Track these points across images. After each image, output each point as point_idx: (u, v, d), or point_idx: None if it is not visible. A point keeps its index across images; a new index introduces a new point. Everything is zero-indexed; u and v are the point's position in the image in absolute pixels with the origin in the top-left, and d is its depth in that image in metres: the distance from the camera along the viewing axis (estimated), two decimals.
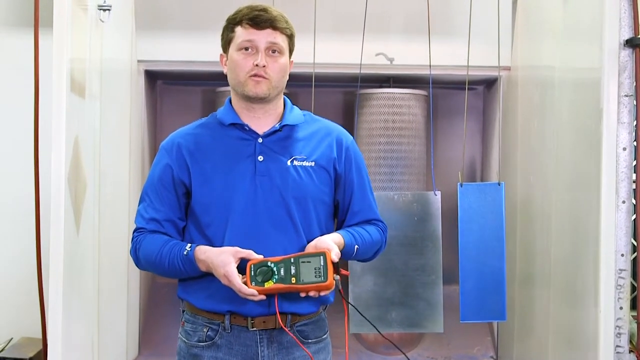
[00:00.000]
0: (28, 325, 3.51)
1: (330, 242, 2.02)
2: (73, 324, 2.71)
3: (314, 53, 3.39)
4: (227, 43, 2.10)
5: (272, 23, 2.05)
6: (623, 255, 2.53)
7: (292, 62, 2.15)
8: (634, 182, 2.59)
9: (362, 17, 3.41)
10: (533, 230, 3.42)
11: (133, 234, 2.13)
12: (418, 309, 3.46)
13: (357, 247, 2.10)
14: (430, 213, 3.46)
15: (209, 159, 2.08)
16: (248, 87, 2.06)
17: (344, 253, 2.06)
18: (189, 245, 2.03)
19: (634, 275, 2.74)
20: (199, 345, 2.09)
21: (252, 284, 1.95)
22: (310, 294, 1.98)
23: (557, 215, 3.05)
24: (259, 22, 2.05)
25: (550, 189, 3.14)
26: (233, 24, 2.08)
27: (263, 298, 1.97)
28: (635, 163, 2.61)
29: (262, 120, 2.11)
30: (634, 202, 2.58)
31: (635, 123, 2.55)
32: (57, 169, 2.59)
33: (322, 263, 1.95)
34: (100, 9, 3.03)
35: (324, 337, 2.18)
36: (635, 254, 2.89)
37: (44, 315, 2.74)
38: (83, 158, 2.84)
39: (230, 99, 2.17)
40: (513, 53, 3.90)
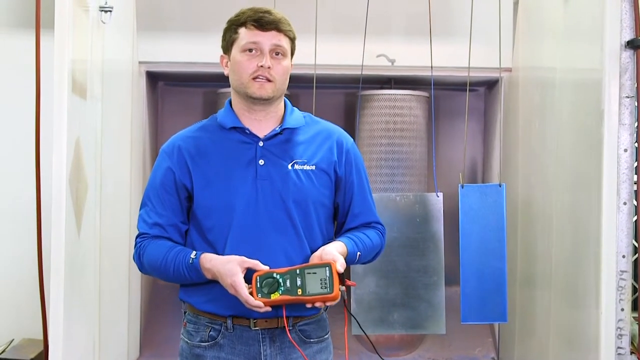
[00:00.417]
0: (29, 327, 3.51)
1: (336, 252, 2.01)
2: (74, 325, 2.71)
3: (315, 54, 3.39)
4: (229, 44, 2.09)
5: (277, 25, 2.05)
6: (624, 257, 2.53)
7: (292, 64, 2.14)
8: (635, 183, 2.59)
9: (363, 18, 3.40)
10: (534, 232, 3.42)
11: (136, 240, 2.12)
12: (420, 310, 3.46)
13: (359, 253, 2.11)
14: (432, 214, 3.46)
15: (210, 163, 2.07)
16: (252, 89, 2.05)
17: (347, 260, 2.06)
18: (194, 253, 2.02)
19: (635, 277, 2.74)
20: (202, 346, 2.09)
21: (258, 296, 1.94)
22: (316, 305, 1.98)
23: (558, 217, 3.05)
24: (264, 23, 2.04)
25: (551, 190, 3.14)
26: (236, 26, 2.07)
27: (269, 310, 1.96)
28: (637, 164, 2.61)
29: (262, 123, 2.11)
30: (635, 203, 2.58)
31: (637, 124, 2.55)
32: (58, 170, 2.59)
33: (327, 274, 1.95)
34: (102, 10, 3.04)
35: (326, 337, 2.18)
36: (637, 255, 2.89)
37: (45, 317, 2.74)
38: (84, 159, 2.84)
39: (230, 101, 2.16)
40: (514, 54, 3.89)
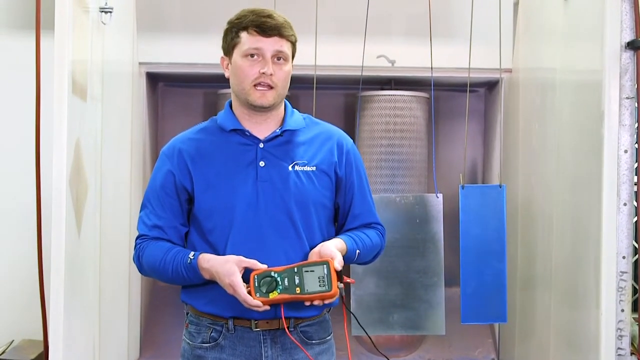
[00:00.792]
0: (29, 328, 3.50)
1: (334, 249, 2.01)
2: (74, 326, 2.71)
3: (315, 55, 3.39)
4: (230, 47, 2.08)
5: (279, 31, 2.03)
6: (624, 258, 2.53)
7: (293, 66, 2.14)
8: (635, 184, 2.59)
9: (363, 19, 3.40)
10: (534, 232, 3.42)
11: (136, 241, 2.12)
12: (419, 311, 3.46)
13: (358, 251, 2.10)
14: (432, 215, 3.46)
15: (211, 165, 2.07)
16: (253, 96, 2.04)
17: (346, 258, 2.06)
18: (193, 253, 2.02)
19: (635, 278, 2.74)
20: (203, 347, 2.09)
21: (256, 295, 1.94)
22: (315, 303, 1.98)
23: (558, 217, 3.04)
24: (266, 29, 2.02)
25: (552, 191, 3.13)
26: (238, 29, 2.05)
27: (267, 309, 1.97)
28: (637, 165, 2.61)
29: (263, 125, 2.11)
30: (635, 204, 2.58)
31: (637, 125, 2.55)
32: (58, 171, 2.59)
33: (325, 272, 1.95)
34: (102, 11, 3.03)
35: (328, 338, 2.18)
36: (637, 256, 2.89)
37: (45, 318, 2.74)
38: (84, 160, 2.84)
39: (230, 103, 2.16)
40: (514, 55, 3.89)
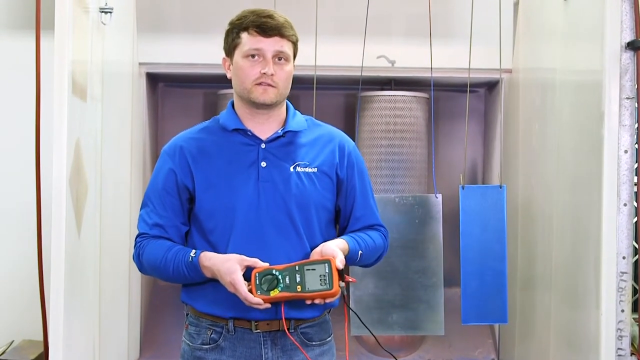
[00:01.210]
0: (29, 328, 3.50)
1: (335, 248, 2.01)
2: (74, 327, 2.71)
3: (316, 56, 3.39)
4: (232, 48, 2.08)
5: (280, 31, 2.04)
6: (624, 258, 2.53)
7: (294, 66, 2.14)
8: (636, 184, 2.59)
9: (363, 19, 3.40)
10: (534, 233, 3.42)
11: (136, 240, 2.12)
12: (419, 312, 3.45)
13: (360, 252, 2.10)
14: (432, 216, 3.46)
15: (213, 165, 2.07)
16: (255, 94, 2.05)
17: (348, 259, 2.06)
18: (194, 252, 2.02)
19: (636, 278, 2.74)
20: (203, 348, 2.09)
21: (257, 293, 1.94)
22: (316, 302, 1.98)
23: (558, 218, 3.04)
24: (267, 29, 2.03)
25: (552, 192, 3.13)
26: (238, 30, 2.06)
27: (268, 307, 1.96)
28: (637, 166, 2.60)
29: (265, 126, 2.11)
30: (635, 204, 2.58)
31: (637, 126, 2.55)
32: (58, 172, 2.59)
33: (327, 270, 1.95)
34: (102, 12, 3.03)
35: (329, 339, 2.18)
36: (637, 257, 2.88)
37: (45, 318, 2.73)
38: (84, 160, 2.84)
39: (233, 103, 2.16)
40: (514, 55, 3.89)
